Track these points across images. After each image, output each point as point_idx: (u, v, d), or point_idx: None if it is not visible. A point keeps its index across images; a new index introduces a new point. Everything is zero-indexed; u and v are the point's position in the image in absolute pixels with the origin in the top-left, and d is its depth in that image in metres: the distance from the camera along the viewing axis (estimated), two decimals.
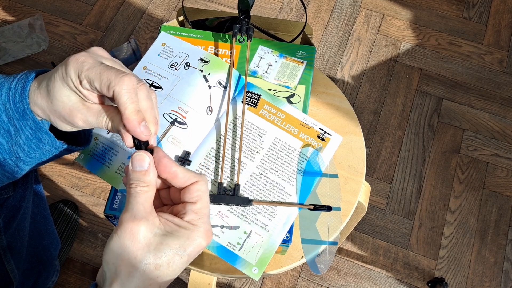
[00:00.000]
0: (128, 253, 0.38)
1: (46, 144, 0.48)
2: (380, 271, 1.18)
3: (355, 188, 0.69)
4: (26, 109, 0.45)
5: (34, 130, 0.46)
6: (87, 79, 0.41)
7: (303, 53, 0.71)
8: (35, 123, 0.46)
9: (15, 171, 0.50)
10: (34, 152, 0.48)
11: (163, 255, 0.39)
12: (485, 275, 1.18)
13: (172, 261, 0.39)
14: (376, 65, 1.44)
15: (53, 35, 1.44)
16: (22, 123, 0.46)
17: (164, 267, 0.39)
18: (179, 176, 0.42)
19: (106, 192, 1.24)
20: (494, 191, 1.27)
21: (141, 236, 0.38)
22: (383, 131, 1.34)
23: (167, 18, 1.50)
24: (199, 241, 0.40)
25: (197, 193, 0.41)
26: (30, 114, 0.45)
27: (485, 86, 1.42)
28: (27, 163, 0.50)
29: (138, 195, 0.40)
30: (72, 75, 0.42)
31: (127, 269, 0.38)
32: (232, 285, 1.16)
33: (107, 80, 0.41)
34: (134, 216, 0.39)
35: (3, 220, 0.71)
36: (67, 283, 1.14)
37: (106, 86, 0.41)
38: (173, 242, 0.39)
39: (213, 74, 0.65)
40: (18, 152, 0.48)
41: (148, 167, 0.41)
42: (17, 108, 0.45)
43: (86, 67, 0.41)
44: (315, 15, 1.52)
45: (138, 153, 0.41)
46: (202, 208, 0.41)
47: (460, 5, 1.55)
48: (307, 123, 0.64)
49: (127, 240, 0.38)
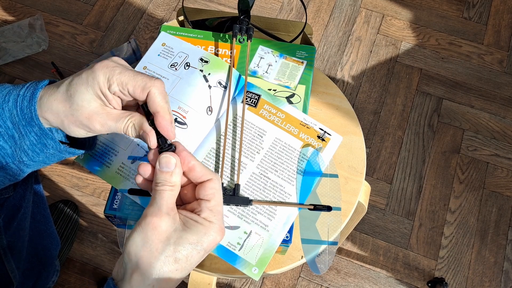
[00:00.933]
0: (150, 244, 0.40)
1: (50, 148, 0.49)
2: (380, 271, 1.18)
3: (355, 188, 0.69)
4: (33, 115, 0.46)
5: (39, 136, 0.47)
6: (118, 82, 0.44)
7: (303, 53, 0.71)
8: (40, 129, 0.47)
9: (18, 174, 0.51)
10: (38, 156, 0.50)
11: (182, 248, 0.41)
12: (485, 275, 1.18)
13: (190, 255, 0.41)
14: (376, 65, 1.44)
15: (53, 35, 1.44)
16: (27, 129, 0.47)
17: (182, 261, 0.41)
18: (197, 170, 0.44)
19: (106, 192, 1.24)
20: (494, 191, 1.27)
21: (163, 229, 0.41)
22: (383, 131, 1.34)
23: (167, 18, 1.50)
24: (214, 237, 0.42)
25: (211, 191, 0.43)
26: (36, 120, 0.46)
27: (485, 86, 1.42)
28: (30, 166, 0.51)
29: (163, 193, 0.42)
30: (100, 80, 0.44)
31: (148, 260, 0.40)
32: (232, 285, 1.16)
33: (142, 81, 0.44)
34: (158, 211, 0.41)
35: (3, 220, 0.71)
36: (67, 283, 1.14)
37: (141, 88, 0.44)
38: (191, 237, 0.41)
39: (213, 74, 0.65)
40: (21, 157, 0.49)
41: (174, 168, 0.43)
42: (24, 114, 0.46)
43: (117, 71, 0.44)
44: (315, 15, 1.52)
45: (165, 155, 0.43)
46: (216, 205, 0.43)
47: (460, 5, 1.55)
48: (307, 123, 0.64)
49: (150, 232, 0.40)
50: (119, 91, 0.45)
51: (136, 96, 0.45)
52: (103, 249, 1.17)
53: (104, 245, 1.18)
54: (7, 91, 0.47)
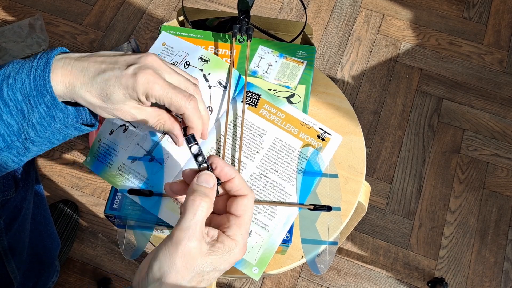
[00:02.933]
0: (177, 272, 0.39)
1: (58, 122, 0.48)
2: (380, 271, 1.18)
3: (355, 188, 0.69)
4: (46, 82, 0.45)
5: (49, 107, 0.47)
6: (156, 97, 0.46)
7: (303, 53, 0.71)
8: (52, 98, 0.46)
9: (22, 154, 0.50)
10: (45, 131, 0.49)
11: (205, 273, 0.41)
12: (485, 275, 1.18)
13: (212, 277, 0.42)
14: (376, 65, 1.44)
15: (53, 35, 1.45)
16: (38, 100, 0.46)
17: (204, 282, 0.41)
18: (235, 182, 0.44)
19: (106, 192, 1.24)
20: (494, 191, 1.27)
21: (192, 257, 0.40)
22: (383, 131, 1.34)
23: (167, 18, 1.50)
24: (237, 256, 0.42)
25: (243, 208, 0.43)
26: (49, 88, 0.45)
27: (485, 86, 1.42)
28: (36, 143, 0.50)
29: (199, 212, 0.40)
30: (140, 93, 0.46)
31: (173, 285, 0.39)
32: (232, 285, 1.16)
33: (178, 104, 0.47)
34: (190, 237, 0.39)
35: (4, 222, 0.71)
36: (67, 283, 1.14)
37: (176, 109, 0.48)
38: (216, 260, 0.41)
39: (213, 73, 0.65)
40: (28, 132, 0.48)
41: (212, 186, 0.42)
42: (36, 82, 0.45)
43: (157, 90, 0.46)
44: (315, 15, 1.52)
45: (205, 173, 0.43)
46: (244, 223, 0.43)
47: (460, 5, 1.55)
48: (307, 123, 0.64)
49: (178, 259, 0.39)
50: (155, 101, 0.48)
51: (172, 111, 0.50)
52: (103, 249, 1.17)
53: (104, 245, 1.18)
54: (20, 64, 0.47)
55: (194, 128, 0.50)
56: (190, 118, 0.49)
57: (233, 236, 0.42)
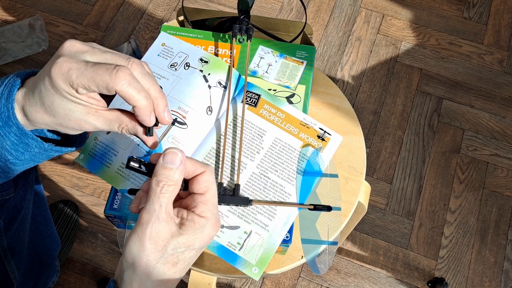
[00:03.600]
0: (148, 254, 0.39)
1: (34, 147, 0.47)
2: (380, 271, 1.18)
3: (355, 188, 0.69)
4: (10, 114, 0.43)
5: (19, 136, 0.45)
6: (80, 85, 0.40)
7: (303, 53, 0.71)
8: (19, 129, 0.44)
9: (7, 172, 0.49)
10: (23, 155, 0.47)
11: (180, 253, 0.40)
12: (485, 275, 1.18)
13: (188, 256, 0.41)
14: (376, 65, 1.44)
15: (53, 35, 1.44)
16: (5, 130, 0.44)
17: (180, 263, 0.41)
18: (187, 166, 0.41)
19: (106, 192, 1.24)
20: (494, 191, 1.27)
21: (161, 238, 0.39)
22: (383, 131, 1.34)
23: (167, 18, 1.50)
24: (209, 232, 0.41)
25: (205, 184, 0.42)
26: (14, 120, 0.43)
27: (485, 86, 1.41)
28: (17, 164, 0.49)
29: (163, 195, 0.39)
30: (64, 87, 0.40)
31: (146, 269, 0.39)
32: (232, 285, 1.16)
33: (103, 82, 0.39)
34: (156, 218, 0.39)
35: (4, 221, 0.71)
36: (67, 283, 1.14)
37: (105, 88, 0.40)
38: (188, 238, 0.40)
39: (213, 74, 0.65)
40: (6, 156, 0.46)
41: (179, 165, 0.40)
42: (1, 113, 0.43)
43: (74, 75, 0.39)
44: (315, 15, 1.52)
45: (172, 149, 0.40)
46: (210, 198, 0.42)
47: (460, 5, 1.55)
48: (307, 123, 0.64)
49: (147, 242, 0.39)
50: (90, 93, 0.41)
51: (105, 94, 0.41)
52: (103, 249, 1.17)
53: (104, 245, 1.18)
54: None
55: (138, 107, 0.41)
56: (124, 93, 0.40)
57: (201, 213, 0.41)
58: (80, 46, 0.42)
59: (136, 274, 0.40)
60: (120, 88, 0.39)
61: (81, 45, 0.42)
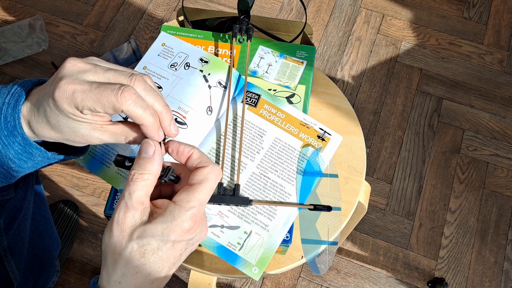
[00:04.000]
0: (115, 241, 0.39)
1: (37, 156, 0.47)
2: (380, 271, 1.18)
3: (355, 188, 0.69)
4: (16, 123, 0.43)
5: (23, 146, 0.45)
6: (86, 108, 0.39)
7: (303, 53, 0.71)
8: (24, 139, 0.44)
9: (9, 178, 0.50)
10: (26, 164, 0.47)
11: (146, 242, 0.38)
12: (485, 275, 1.18)
13: (156, 248, 0.39)
14: (376, 65, 1.44)
15: (53, 35, 1.44)
16: (10, 140, 0.44)
17: (149, 255, 0.39)
18: (193, 157, 0.41)
19: (106, 192, 1.24)
20: (494, 191, 1.27)
21: (127, 225, 0.39)
22: (383, 131, 1.34)
23: (167, 18, 1.50)
24: (182, 224, 0.39)
25: (200, 177, 0.40)
26: (20, 130, 0.43)
27: (485, 86, 1.42)
28: (19, 172, 0.49)
29: (134, 183, 0.39)
30: (69, 110, 0.40)
31: (113, 257, 0.39)
32: (232, 285, 1.16)
33: (109, 103, 0.39)
34: (125, 205, 0.39)
35: (4, 221, 0.71)
36: (67, 283, 1.14)
37: (111, 109, 0.39)
38: (156, 228, 0.38)
39: (213, 74, 0.65)
40: (9, 164, 0.46)
41: (152, 155, 0.40)
42: (7, 122, 0.43)
43: (79, 98, 0.39)
44: (315, 15, 1.52)
45: (146, 140, 0.40)
46: (197, 191, 0.40)
47: (460, 5, 1.55)
48: (307, 123, 0.64)
49: (115, 229, 0.39)
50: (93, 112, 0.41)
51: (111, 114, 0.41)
52: None
53: None
54: None
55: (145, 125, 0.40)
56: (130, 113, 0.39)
57: (178, 201, 0.39)
58: (82, 65, 0.41)
59: (105, 262, 0.39)
60: (127, 108, 0.39)
61: (83, 64, 0.41)
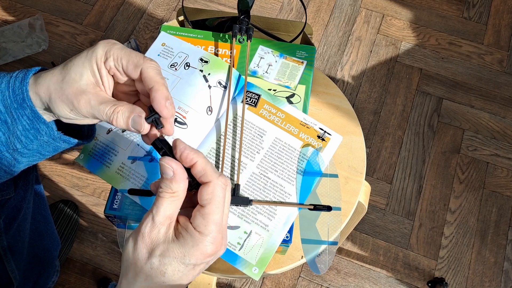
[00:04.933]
0: (138, 254, 0.39)
1: (44, 134, 0.47)
2: (380, 271, 1.18)
3: (355, 188, 0.69)
4: (25, 96, 0.45)
5: (31, 120, 0.46)
6: (114, 56, 0.44)
7: (303, 53, 0.71)
8: (32, 112, 0.46)
9: (13, 165, 0.50)
10: (32, 143, 0.48)
11: (167, 262, 0.39)
12: (485, 275, 1.18)
13: (177, 269, 0.39)
14: (376, 65, 1.44)
15: (53, 35, 1.44)
16: (19, 113, 0.46)
17: (169, 274, 0.39)
18: (197, 168, 0.41)
19: (106, 192, 1.24)
20: (494, 191, 1.27)
21: (153, 241, 0.39)
22: (383, 131, 1.34)
23: (167, 18, 1.50)
24: (204, 250, 0.39)
25: (206, 197, 0.40)
26: (28, 102, 0.45)
27: (485, 86, 1.42)
28: (25, 155, 0.49)
29: (162, 199, 0.40)
30: (99, 52, 0.44)
31: (134, 270, 0.40)
32: (232, 285, 1.16)
33: (136, 59, 0.44)
34: (151, 220, 0.40)
35: (4, 221, 0.71)
36: (67, 283, 1.14)
37: (134, 64, 0.44)
38: (177, 250, 0.39)
39: (213, 74, 0.65)
40: (15, 144, 0.47)
41: (173, 176, 0.40)
42: (16, 95, 0.45)
43: (116, 47, 0.44)
44: (315, 15, 1.52)
45: (164, 161, 0.40)
46: (210, 213, 0.40)
47: (460, 5, 1.55)
48: (307, 123, 0.64)
49: (140, 242, 0.39)
50: (114, 67, 0.44)
51: (129, 72, 0.44)
52: (103, 249, 1.17)
53: (104, 245, 1.18)
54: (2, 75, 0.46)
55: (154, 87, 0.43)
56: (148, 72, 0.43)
57: (197, 227, 0.39)
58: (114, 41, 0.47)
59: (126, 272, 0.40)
60: (147, 66, 0.43)
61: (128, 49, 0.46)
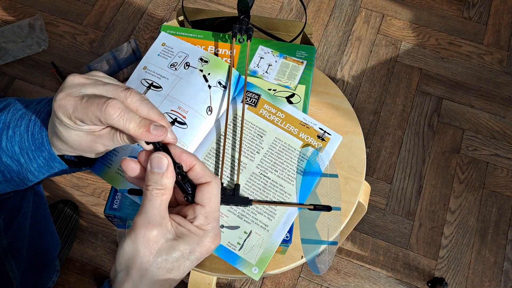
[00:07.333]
0: (141, 257, 0.39)
1: (56, 169, 0.50)
2: (380, 271, 1.18)
3: (355, 188, 0.69)
4: (44, 141, 0.47)
5: (47, 160, 0.48)
6: (78, 119, 0.41)
7: (303, 53, 0.71)
8: (50, 154, 0.48)
9: (21, 186, 0.52)
10: (43, 175, 0.51)
11: (174, 259, 0.40)
12: (485, 275, 1.18)
13: (182, 265, 0.41)
14: (376, 65, 1.44)
15: (53, 35, 1.44)
16: (36, 154, 0.47)
17: (175, 270, 0.40)
18: (197, 169, 0.42)
19: (106, 192, 1.24)
20: (494, 191, 1.27)
21: (154, 242, 0.40)
22: (383, 131, 1.34)
23: (167, 18, 1.50)
24: (208, 246, 0.41)
25: (208, 195, 0.42)
26: (47, 146, 0.47)
27: (485, 86, 1.42)
28: (33, 181, 0.52)
29: (154, 198, 0.40)
30: (65, 120, 0.42)
31: (139, 272, 0.40)
32: (232, 285, 1.16)
33: (95, 116, 0.40)
34: (148, 221, 0.40)
35: (4, 221, 0.71)
36: (67, 283, 1.14)
37: (98, 121, 0.41)
38: (183, 247, 0.40)
39: (213, 74, 0.65)
40: (27, 176, 0.49)
41: (166, 169, 0.40)
42: (34, 139, 0.47)
43: (70, 111, 0.41)
44: (315, 15, 1.52)
45: (156, 154, 0.41)
46: (211, 211, 0.42)
47: (460, 5, 1.55)
48: (307, 123, 0.64)
49: (141, 245, 0.39)
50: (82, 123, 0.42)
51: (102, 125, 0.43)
52: (103, 249, 1.17)
53: (104, 245, 1.18)
54: (19, 115, 0.48)
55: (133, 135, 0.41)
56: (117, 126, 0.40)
57: (201, 226, 0.41)
58: (82, 80, 0.43)
59: (129, 276, 0.40)
60: (111, 121, 0.40)
61: (83, 79, 0.43)
